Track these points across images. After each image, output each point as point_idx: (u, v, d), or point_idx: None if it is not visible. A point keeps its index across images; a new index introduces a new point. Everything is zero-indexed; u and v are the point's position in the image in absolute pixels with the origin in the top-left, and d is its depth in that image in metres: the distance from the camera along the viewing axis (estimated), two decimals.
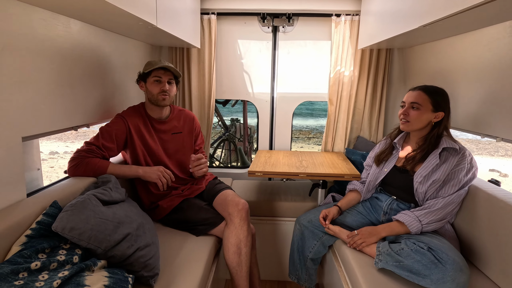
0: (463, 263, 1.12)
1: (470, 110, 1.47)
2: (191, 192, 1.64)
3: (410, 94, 1.38)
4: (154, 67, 1.49)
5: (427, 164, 1.33)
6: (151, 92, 1.53)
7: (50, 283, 0.82)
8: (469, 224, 1.31)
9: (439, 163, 1.31)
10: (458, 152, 1.30)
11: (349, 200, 1.59)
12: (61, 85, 1.27)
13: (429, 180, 1.31)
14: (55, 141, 8.74)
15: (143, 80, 1.56)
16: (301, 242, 1.60)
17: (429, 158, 1.33)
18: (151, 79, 1.52)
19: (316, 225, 1.55)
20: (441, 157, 1.32)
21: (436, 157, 1.31)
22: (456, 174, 1.29)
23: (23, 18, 1.05)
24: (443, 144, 1.32)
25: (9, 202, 1.04)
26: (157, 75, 1.52)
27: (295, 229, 1.65)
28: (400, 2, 1.45)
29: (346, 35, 2.11)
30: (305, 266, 1.60)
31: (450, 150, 1.31)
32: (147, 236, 1.18)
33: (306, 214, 1.64)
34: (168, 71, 1.54)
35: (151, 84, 1.53)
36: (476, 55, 1.41)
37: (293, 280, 1.66)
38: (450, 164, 1.29)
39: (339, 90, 2.19)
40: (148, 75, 1.53)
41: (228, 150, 4.17)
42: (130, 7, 1.15)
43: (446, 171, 1.29)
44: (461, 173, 1.28)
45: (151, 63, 1.53)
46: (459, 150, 1.30)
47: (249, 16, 2.24)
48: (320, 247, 1.54)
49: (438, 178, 1.29)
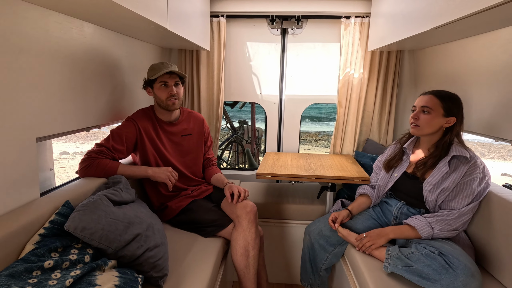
0: (475, 269, 1.09)
1: (484, 113, 1.44)
2: (200, 193, 1.65)
3: (421, 98, 1.36)
4: (160, 73, 1.48)
5: (436, 172, 1.30)
6: (160, 97, 1.53)
7: (63, 282, 0.83)
8: (483, 230, 1.28)
9: (449, 171, 1.28)
10: (469, 161, 1.26)
11: (359, 204, 1.56)
12: (74, 87, 1.29)
13: (439, 189, 1.28)
14: (65, 141, 8.89)
15: (149, 85, 1.56)
16: (312, 253, 1.56)
17: (438, 166, 1.30)
18: (157, 85, 1.52)
19: (327, 238, 1.50)
20: (450, 165, 1.29)
21: (445, 165, 1.29)
22: (469, 184, 1.25)
23: (39, 22, 1.08)
24: (453, 152, 1.29)
25: (24, 201, 1.06)
26: (163, 80, 1.51)
27: (305, 239, 1.61)
28: (411, 3, 1.43)
29: (356, 37, 2.10)
30: (318, 275, 1.57)
31: (460, 158, 1.28)
32: (156, 237, 1.19)
33: (316, 224, 1.59)
34: (173, 73, 1.54)
35: (158, 89, 1.53)
36: (490, 57, 1.38)
37: (306, 287, 1.64)
38: (460, 173, 1.26)
39: (348, 92, 2.18)
40: (154, 81, 1.52)
41: (236, 152, 4.18)
42: (143, 11, 1.16)
43: (455, 180, 1.26)
44: (474, 183, 1.25)
45: (155, 68, 1.52)
46: (469, 159, 1.26)
47: (258, 19, 2.25)
48: (332, 258, 1.52)
49: (448, 186, 1.27)
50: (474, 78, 1.49)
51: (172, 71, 1.52)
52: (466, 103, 1.37)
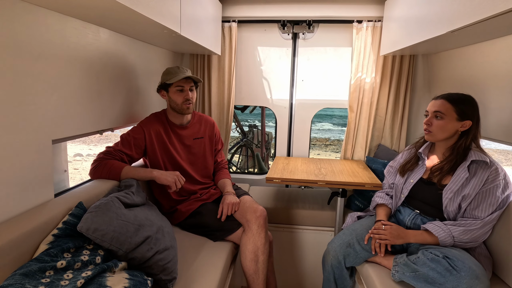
0: (480, 271, 1.07)
1: (503, 119, 1.39)
2: (209, 197, 1.65)
3: (433, 103, 1.32)
4: (178, 78, 1.50)
5: (456, 178, 1.25)
6: (175, 101, 1.55)
7: (74, 282, 0.85)
8: (503, 240, 1.22)
9: (469, 176, 1.23)
10: (489, 166, 1.21)
11: (386, 216, 1.44)
12: (89, 91, 1.32)
13: (459, 196, 1.24)
14: (79, 143, 9.12)
15: (165, 89, 1.57)
16: (338, 272, 1.42)
17: (458, 172, 1.26)
18: (173, 89, 1.54)
19: (361, 245, 1.38)
20: (470, 171, 1.24)
21: (465, 171, 1.24)
22: (492, 191, 1.20)
23: (57, 28, 1.11)
24: (472, 157, 1.24)
25: (38, 201, 1.09)
26: (180, 84, 1.53)
27: (328, 258, 1.44)
28: (425, 7, 1.41)
29: (368, 42, 2.08)
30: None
31: (480, 163, 1.24)
32: (166, 240, 1.20)
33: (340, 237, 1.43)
34: (189, 78, 1.57)
35: (174, 93, 1.54)
36: (508, 62, 1.34)
37: None
38: (480, 179, 1.21)
39: (359, 97, 2.15)
40: (170, 85, 1.54)
41: (246, 156, 4.18)
42: (157, 16, 1.19)
43: (476, 186, 1.21)
44: (498, 191, 1.20)
45: (171, 72, 1.54)
46: (489, 164, 1.22)
47: (269, 23, 2.26)
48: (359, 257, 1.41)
49: (468, 193, 1.22)
50: (492, 82, 1.45)
51: (189, 77, 1.54)
52: (484, 108, 1.33)
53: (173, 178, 1.44)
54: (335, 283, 1.45)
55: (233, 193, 1.62)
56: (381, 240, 1.31)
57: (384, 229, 1.32)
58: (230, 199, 1.55)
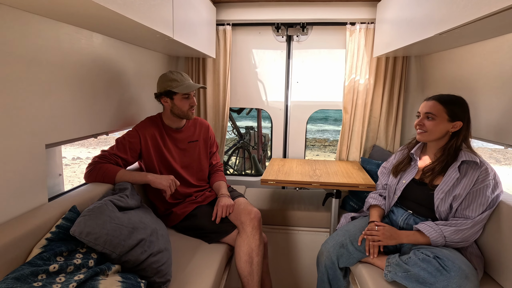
0: (470, 271, 1.09)
1: (493, 119, 1.41)
2: (204, 199, 1.66)
3: (425, 104, 1.34)
4: (191, 89, 1.53)
5: (447, 178, 1.27)
6: (180, 108, 1.56)
7: (67, 286, 0.85)
8: (494, 239, 1.24)
9: (460, 177, 1.25)
10: (479, 166, 1.23)
11: (379, 216, 1.46)
12: (83, 96, 1.34)
13: (450, 196, 1.25)
14: (78, 147, 9.11)
15: (168, 96, 1.56)
16: (332, 272, 1.43)
17: (448, 172, 1.27)
18: (179, 96, 1.55)
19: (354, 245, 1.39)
20: (460, 171, 1.26)
21: (455, 171, 1.26)
22: (482, 191, 1.22)
23: (50, 33, 1.12)
24: (462, 157, 1.26)
25: (32, 205, 1.09)
26: (186, 92, 1.55)
27: (322, 259, 1.46)
28: (415, 9, 1.43)
29: (361, 43, 2.10)
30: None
31: (470, 163, 1.25)
32: (160, 242, 1.20)
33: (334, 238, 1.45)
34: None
35: (180, 100, 1.55)
36: (497, 62, 1.36)
37: None
38: (471, 179, 1.23)
39: (354, 98, 2.17)
40: (176, 92, 1.55)
41: (242, 157, 4.19)
42: (148, 21, 1.20)
43: (466, 186, 1.23)
44: (487, 190, 1.22)
45: (175, 80, 1.53)
46: (479, 164, 1.23)
47: (263, 26, 2.28)
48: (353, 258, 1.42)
49: (459, 193, 1.24)
50: (482, 83, 1.47)
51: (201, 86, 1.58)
52: (474, 109, 1.35)
53: (168, 182, 1.44)
54: (329, 283, 1.45)
55: (227, 195, 1.63)
56: (374, 241, 1.32)
57: (377, 230, 1.34)
58: (225, 201, 1.56)
